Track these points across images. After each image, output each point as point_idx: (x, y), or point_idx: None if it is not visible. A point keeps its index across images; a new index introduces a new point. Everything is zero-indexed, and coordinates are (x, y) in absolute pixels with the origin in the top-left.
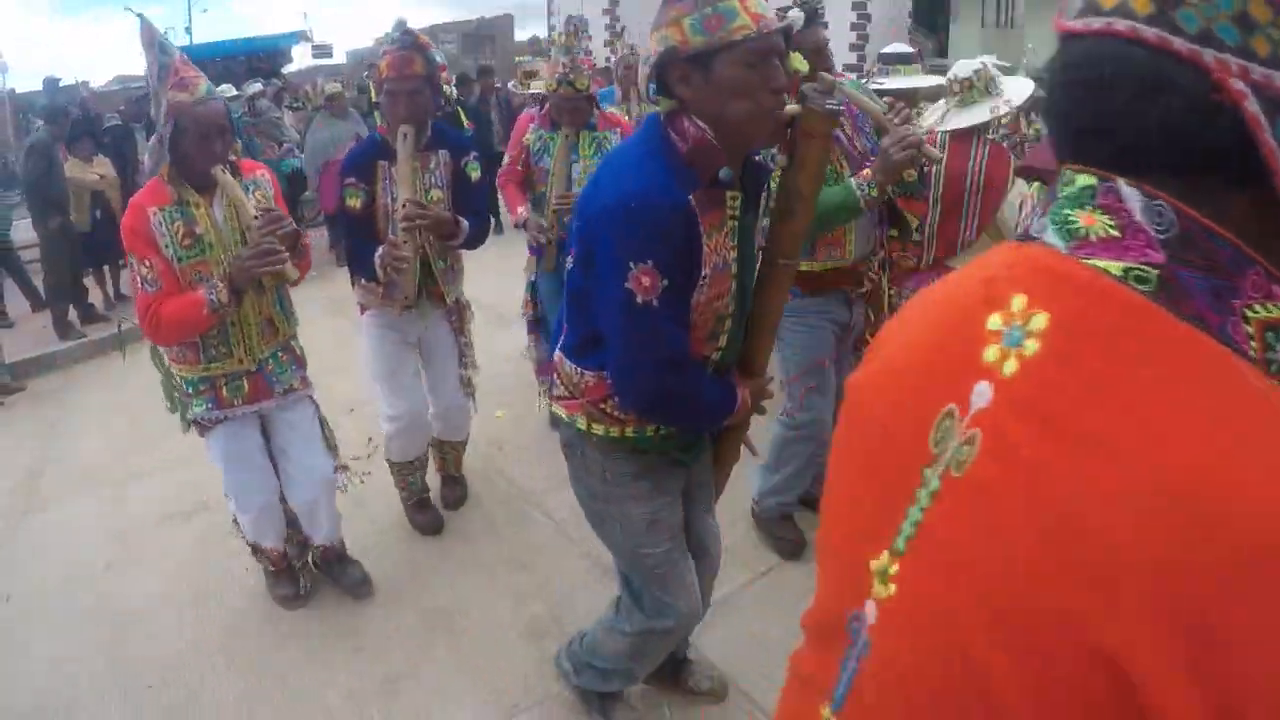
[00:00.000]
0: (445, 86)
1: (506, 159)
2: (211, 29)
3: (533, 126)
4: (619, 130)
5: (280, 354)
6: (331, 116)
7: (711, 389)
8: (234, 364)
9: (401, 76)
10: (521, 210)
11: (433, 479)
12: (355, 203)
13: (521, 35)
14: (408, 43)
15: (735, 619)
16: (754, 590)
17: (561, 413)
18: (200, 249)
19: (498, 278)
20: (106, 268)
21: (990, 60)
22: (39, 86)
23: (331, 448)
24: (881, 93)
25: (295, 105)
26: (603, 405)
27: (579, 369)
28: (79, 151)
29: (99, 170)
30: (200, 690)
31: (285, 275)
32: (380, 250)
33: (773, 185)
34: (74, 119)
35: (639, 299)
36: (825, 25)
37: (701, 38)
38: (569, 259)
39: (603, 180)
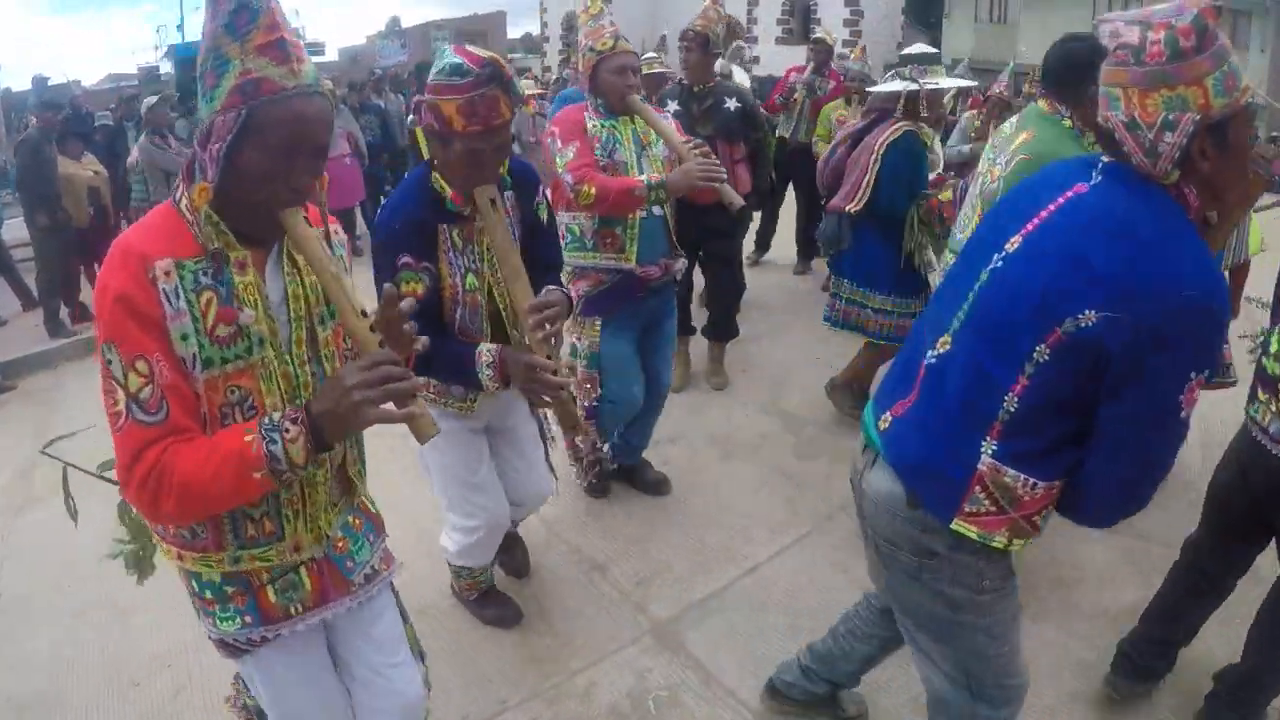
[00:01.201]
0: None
1: (574, 154)
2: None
3: (588, 116)
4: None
5: (352, 518)
6: None
7: None
8: (285, 552)
9: (489, 129)
10: (644, 178)
11: None
12: (416, 288)
13: (514, 32)
14: (489, 76)
15: (720, 616)
16: (740, 586)
17: (971, 532)
18: (245, 346)
19: None
20: (98, 265)
21: None
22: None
23: (419, 652)
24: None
25: None
26: (1035, 518)
27: (1030, 480)
28: (67, 151)
29: (92, 167)
30: (187, 686)
31: (423, 428)
32: (486, 356)
33: None
34: (64, 117)
35: (1184, 412)
36: (819, 22)
37: (1223, 100)
38: (1042, 349)
39: (1146, 261)
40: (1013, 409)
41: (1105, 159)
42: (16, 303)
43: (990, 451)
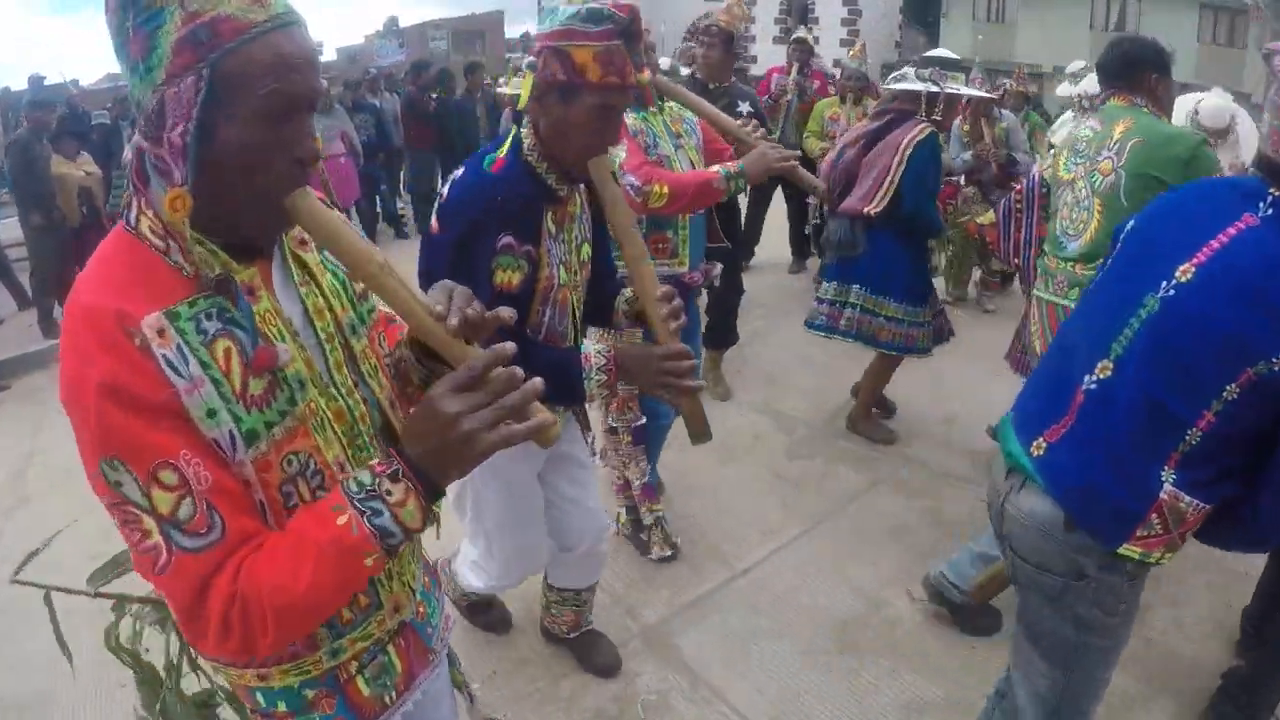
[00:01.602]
0: None
1: (627, 154)
2: None
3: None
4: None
5: (424, 576)
6: (317, 112)
7: None
8: (386, 618)
9: (625, 85)
10: (719, 168)
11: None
12: (513, 278)
13: (512, 32)
14: (625, 28)
15: (713, 617)
16: (732, 588)
17: (1135, 554)
18: (286, 398)
19: None
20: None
21: None
22: None
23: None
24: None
25: None
26: (1188, 533)
27: (1200, 504)
28: (62, 150)
29: (85, 167)
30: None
31: (551, 434)
32: (598, 358)
33: None
34: (59, 116)
35: None
36: (816, 21)
37: None
38: (1232, 389)
39: None
40: (1195, 442)
41: (1274, 191)
42: (12, 303)
43: (1170, 480)
